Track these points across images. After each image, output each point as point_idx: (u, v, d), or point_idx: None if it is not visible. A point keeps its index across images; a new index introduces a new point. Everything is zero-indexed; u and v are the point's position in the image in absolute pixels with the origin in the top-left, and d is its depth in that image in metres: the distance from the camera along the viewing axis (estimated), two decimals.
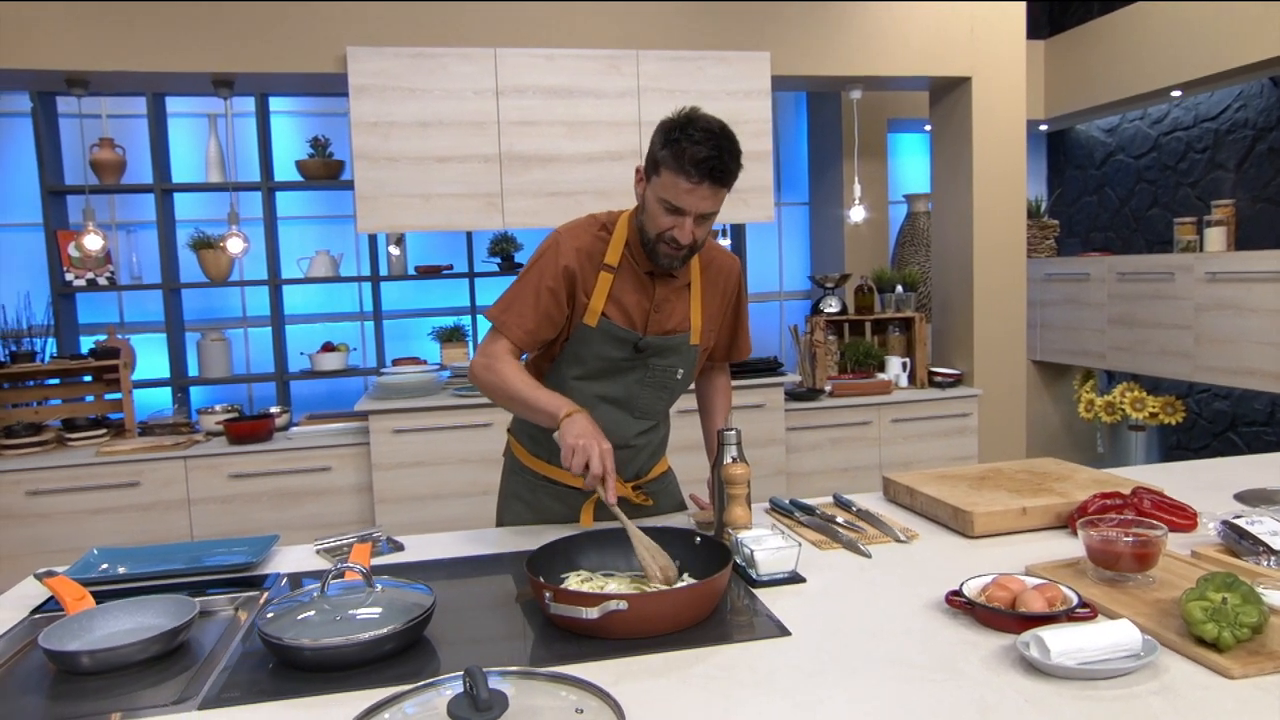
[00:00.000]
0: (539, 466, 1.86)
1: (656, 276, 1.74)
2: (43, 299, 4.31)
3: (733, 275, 1.87)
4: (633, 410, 1.81)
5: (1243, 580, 1.18)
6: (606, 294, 1.71)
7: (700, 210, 1.60)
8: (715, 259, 1.84)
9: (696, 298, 1.80)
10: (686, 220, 1.60)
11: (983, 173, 4.08)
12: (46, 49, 3.31)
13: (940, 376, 4.14)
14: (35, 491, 3.32)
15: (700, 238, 1.65)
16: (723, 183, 1.60)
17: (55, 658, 1.23)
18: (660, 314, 1.76)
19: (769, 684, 1.10)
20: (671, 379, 1.82)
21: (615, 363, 1.76)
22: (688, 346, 1.80)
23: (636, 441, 1.83)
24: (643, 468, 1.90)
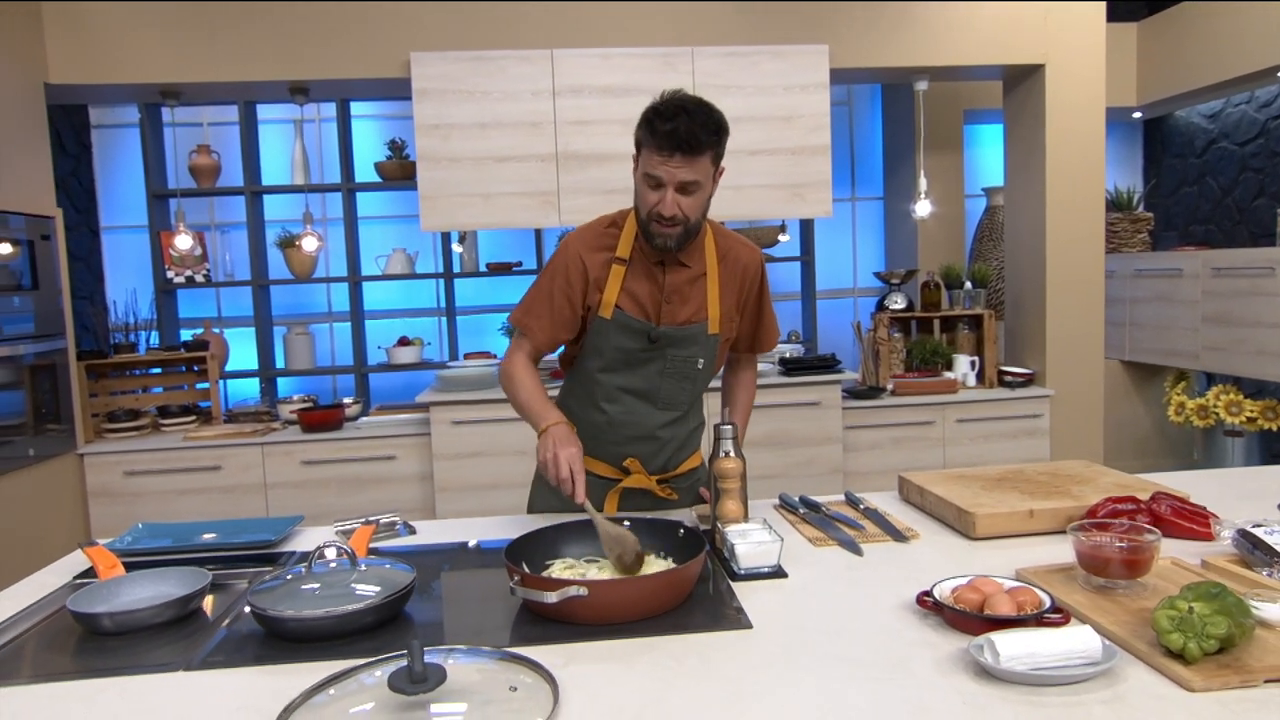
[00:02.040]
0: None
1: (667, 266, 1.76)
2: (148, 295, 4.66)
3: (752, 267, 1.86)
4: (656, 401, 1.83)
5: (1231, 591, 1.12)
6: (619, 286, 1.75)
7: (676, 180, 1.62)
8: (733, 250, 1.84)
9: (714, 287, 1.80)
10: (667, 192, 1.63)
11: (1057, 164, 3.90)
12: (143, 64, 3.58)
13: (1010, 376, 3.99)
14: (131, 472, 3.60)
15: (689, 211, 1.66)
16: (693, 152, 1.61)
17: (80, 619, 1.35)
18: (673, 304, 1.77)
19: (710, 674, 1.11)
20: (693, 369, 1.82)
21: (633, 354, 1.79)
22: (706, 336, 1.81)
23: (661, 434, 1.85)
24: (670, 461, 1.90)
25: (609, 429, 1.83)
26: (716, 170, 1.71)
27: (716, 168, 1.70)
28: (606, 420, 1.83)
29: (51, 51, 3.54)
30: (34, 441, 3.34)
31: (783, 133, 3.71)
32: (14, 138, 3.33)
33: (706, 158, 1.64)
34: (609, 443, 1.85)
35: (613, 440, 1.84)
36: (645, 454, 1.85)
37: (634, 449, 1.85)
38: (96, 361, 3.81)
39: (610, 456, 1.86)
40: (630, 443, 1.84)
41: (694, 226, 1.70)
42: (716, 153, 1.67)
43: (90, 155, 4.94)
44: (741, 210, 3.76)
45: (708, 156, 1.64)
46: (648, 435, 1.83)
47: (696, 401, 1.92)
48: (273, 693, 1.08)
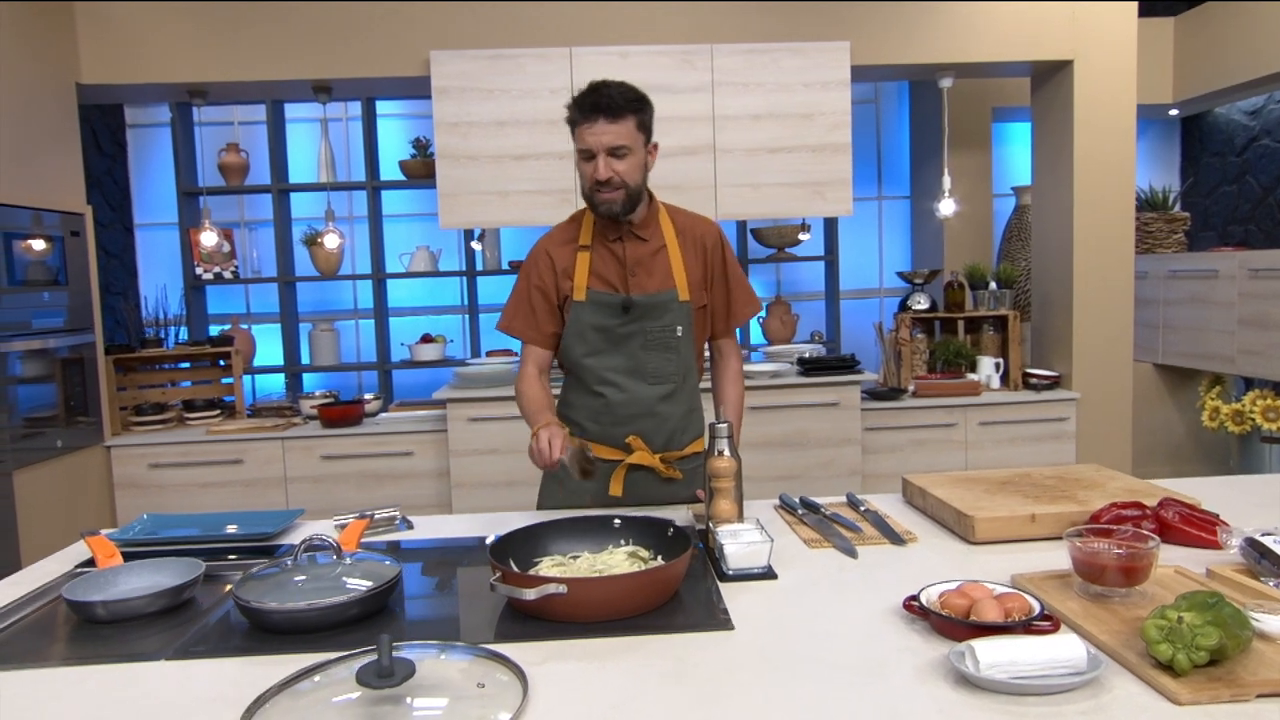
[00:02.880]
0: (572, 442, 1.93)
1: (625, 241, 1.88)
2: (179, 291, 4.75)
3: (709, 238, 1.95)
4: (645, 376, 1.90)
5: (1229, 602, 1.08)
6: (588, 270, 1.88)
7: (604, 144, 1.75)
8: (689, 224, 1.95)
9: (676, 257, 1.90)
10: (599, 158, 1.76)
11: (1086, 162, 3.81)
12: (171, 63, 3.65)
13: (1036, 378, 3.91)
14: (156, 464, 3.67)
15: (625, 174, 1.77)
16: (613, 114, 1.75)
17: (74, 607, 1.38)
18: (639, 275, 1.88)
19: (685, 675, 1.10)
20: (672, 338, 1.90)
21: (611, 331, 1.87)
22: (678, 303, 1.89)
23: (659, 409, 1.91)
24: (673, 438, 1.95)
25: (607, 411, 1.91)
26: (648, 143, 1.84)
27: (646, 138, 1.83)
28: (604, 403, 1.91)
29: (84, 52, 3.62)
30: (63, 433, 3.42)
31: (803, 130, 3.67)
32: (47, 136, 3.41)
33: (629, 122, 1.77)
34: (609, 424, 1.92)
35: (612, 421, 1.91)
36: (646, 431, 1.92)
37: (634, 426, 1.91)
38: (124, 356, 3.89)
39: (612, 438, 1.92)
40: (630, 421, 1.91)
41: (634, 191, 1.81)
42: (640, 120, 1.80)
43: (125, 154, 5.05)
44: (761, 209, 3.73)
45: (630, 121, 1.77)
46: (646, 412, 1.91)
47: (689, 378, 1.97)
48: (249, 683, 1.09)
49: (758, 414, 3.67)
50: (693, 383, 1.98)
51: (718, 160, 3.67)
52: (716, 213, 3.71)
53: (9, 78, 3.21)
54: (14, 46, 3.24)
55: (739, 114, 3.65)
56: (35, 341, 3.27)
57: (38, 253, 3.32)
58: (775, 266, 5.21)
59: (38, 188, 3.34)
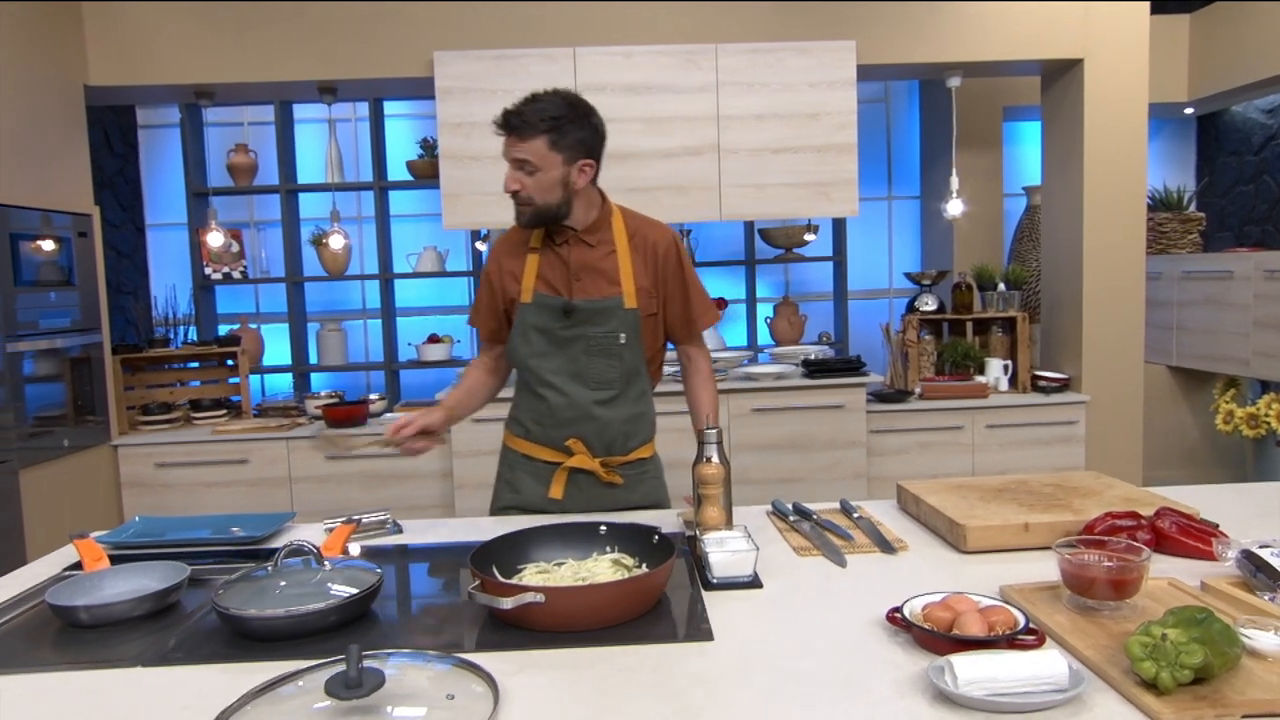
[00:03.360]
0: (517, 444, 2.00)
1: (571, 246, 1.89)
2: (188, 291, 4.78)
3: (663, 244, 1.93)
4: (586, 381, 1.90)
5: (1218, 618, 1.06)
6: (535, 273, 1.90)
7: (510, 156, 1.79)
8: (642, 229, 1.94)
9: (626, 263, 1.89)
10: (508, 170, 1.80)
11: (1096, 162, 3.76)
12: (178, 65, 3.66)
13: (1044, 381, 3.86)
14: (162, 464, 3.69)
15: (532, 190, 1.78)
16: (517, 132, 1.76)
17: (58, 611, 1.38)
18: (584, 280, 1.88)
19: (658, 686, 1.08)
20: (615, 344, 1.89)
21: (554, 333, 1.89)
22: (622, 310, 1.88)
23: (598, 413, 1.91)
24: (614, 443, 1.94)
25: (549, 413, 1.92)
26: (571, 159, 1.79)
27: (568, 157, 1.78)
28: (546, 405, 1.91)
29: (91, 53, 3.65)
30: (70, 432, 3.45)
31: (808, 130, 3.64)
32: (55, 138, 3.44)
33: (538, 141, 1.75)
34: (550, 426, 1.93)
35: (554, 424, 1.92)
36: (587, 434, 1.91)
37: (574, 430, 1.92)
38: (131, 355, 3.91)
39: (554, 440, 1.93)
40: (570, 424, 1.91)
41: (544, 208, 1.81)
42: (553, 139, 1.76)
43: (137, 154, 5.08)
44: (765, 209, 3.70)
45: (540, 140, 1.75)
46: (584, 415, 1.90)
47: (634, 384, 1.93)
48: (221, 692, 1.08)
49: (761, 416, 3.65)
50: (639, 389, 1.95)
51: (722, 160, 3.65)
52: (721, 213, 3.70)
53: (18, 80, 3.23)
54: (22, 49, 3.27)
55: (743, 114, 3.62)
56: (43, 341, 3.30)
57: (46, 253, 3.35)
58: (784, 267, 5.18)
59: (46, 189, 3.36)
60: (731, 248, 5.02)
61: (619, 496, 1.96)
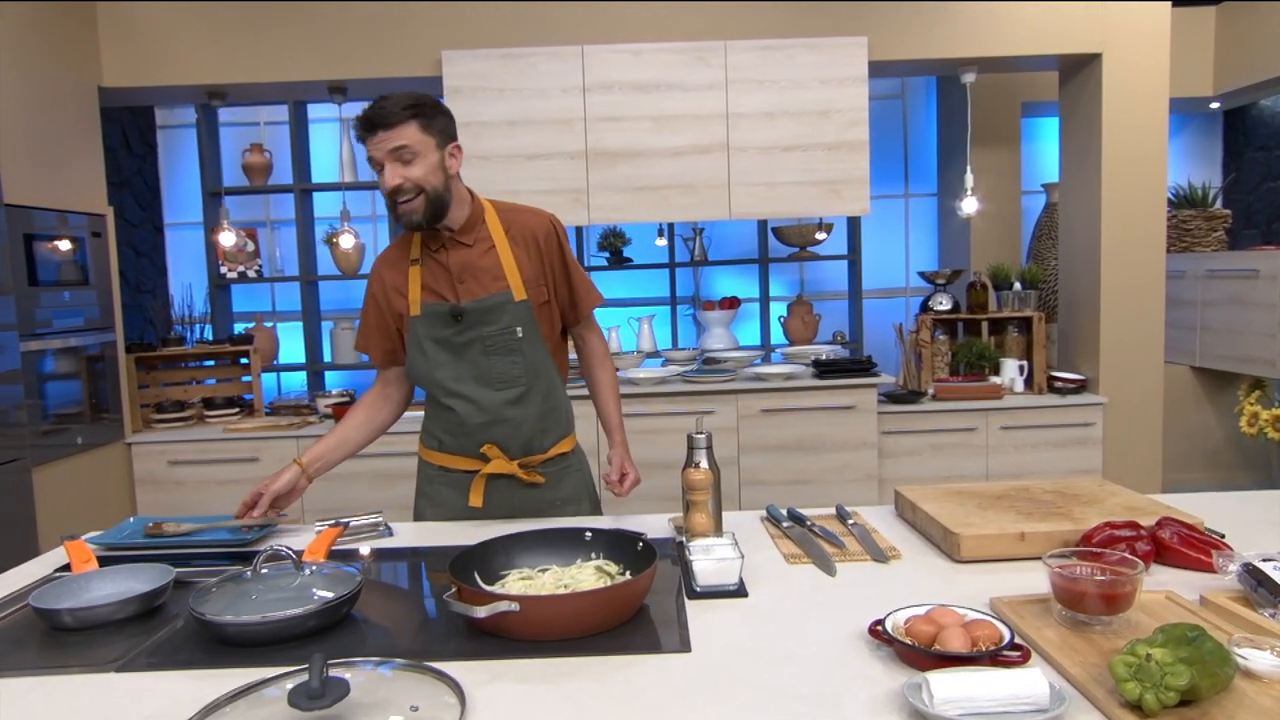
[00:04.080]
0: (431, 457, 1.97)
1: (449, 249, 1.84)
2: (203, 290, 4.82)
3: (541, 230, 1.89)
4: (491, 382, 1.86)
5: (1211, 636, 1.02)
6: (420, 284, 1.85)
7: (385, 150, 1.70)
8: (518, 219, 1.90)
9: (507, 256, 1.85)
10: (385, 169, 1.72)
11: (1115, 159, 3.68)
12: (190, 66, 3.69)
13: (1061, 382, 3.79)
14: (175, 461, 3.72)
15: (418, 178, 1.71)
16: (387, 123, 1.70)
17: (41, 614, 1.38)
18: (468, 282, 1.83)
19: (629, 699, 1.06)
20: (513, 339, 1.85)
21: (448, 340, 1.83)
22: (513, 304, 1.84)
23: (508, 413, 1.86)
24: (531, 442, 1.90)
25: (460, 424, 1.87)
26: (443, 143, 1.76)
27: (440, 140, 1.75)
28: (455, 416, 1.87)
29: (105, 55, 3.68)
30: (85, 430, 3.49)
31: (818, 128, 3.60)
32: (70, 139, 3.48)
33: (409, 126, 1.71)
34: (463, 435, 1.89)
35: (466, 432, 1.88)
36: (500, 438, 1.87)
37: (487, 435, 1.87)
38: (145, 354, 3.95)
39: (468, 449, 1.89)
40: (482, 430, 1.87)
41: (434, 194, 1.74)
42: (422, 123, 1.72)
43: (155, 154, 5.14)
44: (775, 208, 3.66)
45: (410, 126, 1.71)
46: (495, 419, 1.86)
47: (540, 378, 1.89)
48: (192, 699, 1.07)
49: (771, 416, 3.61)
50: (547, 383, 1.91)
51: (731, 159, 3.61)
52: (730, 212, 3.66)
53: (33, 81, 3.27)
54: (38, 51, 3.31)
55: (753, 111, 3.59)
56: (57, 340, 3.34)
57: (61, 253, 3.39)
58: (799, 266, 5.13)
59: (61, 189, 3.40)
60: (745, 246, 4.98)
61: (543, 496, 1.92)
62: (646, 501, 3.03)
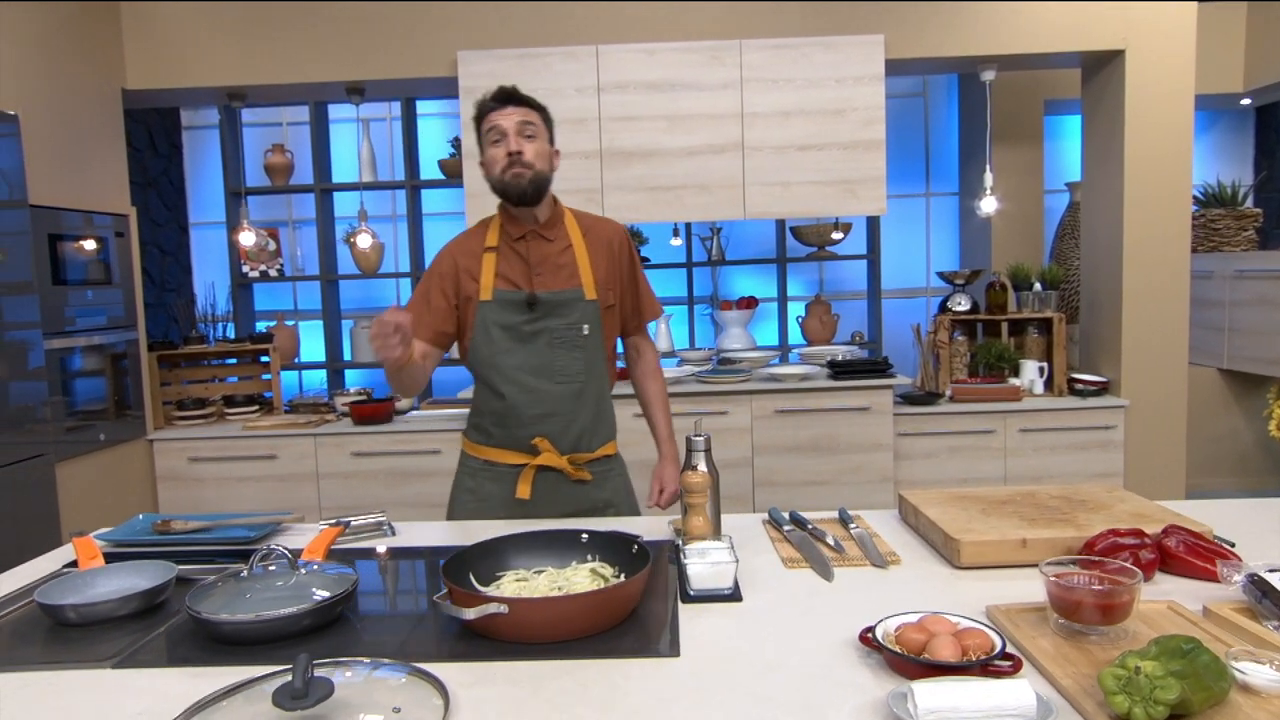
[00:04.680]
0: (480, 452, 1.98)
1: (529, 241, 1.90)
2: (226, 288, 4.89)
3: (616, 238, 1.99)
4: (552, 375, 1.90)
5: (1207, 649, 0.99)
6: (494, 271, 1.89)
7: (514, 122, 1.83)
8: (595, 225, 2.00)
9: (583, 256, 1.92)
10: (509, 136, 1.83)
11: (1137, 157, 3.61)
12: (211, 68, 3.74)
13: (1081, 384, 3.73)
14: (195, 458, 3.77)
15: (533, 156, 1.83)
16: (519, 100, 1.86)
17: (46, 610, 1.40)
18: (544, 275, 1.89)
19: (612, 705, 1.06)
20: (579, 336, 1.90)
21: (517, 328, 1.87)
22: (584, 301, 1.90)
23: (564, 408, 1.91)
24: (581, 440, 1.94)
25: (512, 412, 1.90)
26: (551, 140, 1.91)
27: (550, 137, 1.91)
28: (508, 405, 1.89)
29: (129, 57, 3.74)
30: (108, 426, 3.55)
31: (834, 127, 3.57)
32: (94, 141, 3.53)
33: (537, 113, 1.88)
34: (515, 426, 1.90)
35: (517, 423, 1.90)
36: (552, 432, 1.90)
37: (539, 428, 1.90)
38: (167, 352, 4.01)
39: (518, 441, 1.92)
40: (535, 422, 1.90)
41: (541, 177, 1.85)
42: (545, 118, 1.90)
43: (180, 155, 5.21)
44: (790, 208, 3.64)
45: (535, 113, 1.88)
46: (550, 412, 1.90)
47: (595, 379, 1.94)
48: (182, 696, 1.08)
49: (785, 417, 3.59)
50: (600, 384, 1.96)
51: (746, 158, 3.59)
52: (745, 212, 3.65)
53: (59, 85, 3.33)
54: (64, 55, 3.36)
55: (768, 111, 3.56)
56: (81, 338, 3.40)
57: (85, 253, 3.44)
58: (819, 265, 5.10)
59: (85, 190, 3.46)
60: (763, 246, 4.96)
61: (587, 494, 1.96)
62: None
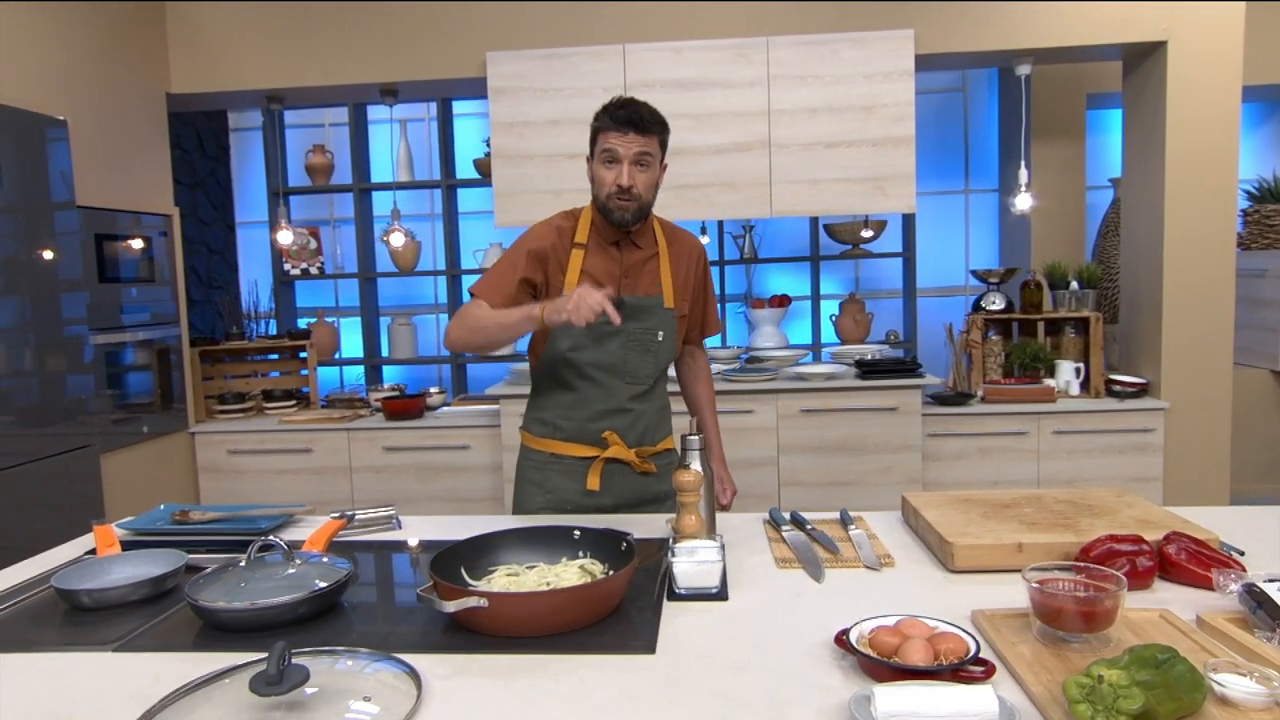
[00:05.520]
0: (546, 445, 2.00)
1: (622, 247, 1.95)
2: (269, 286, 5.02)
3: (695, 251, 2.06)
4: (623, 375, 1.96)
5: (1184, 659, 0.97)
6: (580, 268, 1.93)
7: (633, 152, 1.83)
8: (679, 236, 2.06)
9: (665, 265, 1.99)
10: (623, 165, 1.83)
11: (1179, 151, 3.50)
12: (251, 71, 3.85)
13: (1119, 385, 3.63)
14: (234, 451, 3.89)
15: (643, 187, 1.85)
16: (641, 128, 1.83)
17: (62, 594, 1.47)
18: (630, 280, 1.96)
19: (580, 699, 1.07)
20: (653, 341, 1.97)
21: (598, 328, 1.89)
22: (662, 309, 1.97)
23: (632, 406, 1.98)
24: (645, 435, 2.01)
25: (581, 406, 1.96)
26: (662, 162, 1.92)
27: (662, 158, 1.92)
28: (578, 398, 1.96)
29: (173, 63, 3.87)
30: (152, 419, 3.68)
31: (863, 124, 3.53)
32: (139, 144, 3.67)
33: (654, 139, 1.87)
34: (583, 419, 1.96)
35: (587, 416, 1.96)
36: (620, 427, 1.96)
37: (608, 423, 1.96)
38: (208, 348, 4.14)
39: (588, 435, 1.97)
40: (604, 417, 1.96)
41: (646, 204, 1.89)
42: (662, 140, 1.89)
43: (228, 156, 5.37)
44: (818, 206, 3.61)
45: (655, 139, 1.87)
46: (619, 408, 1.96)
47: (661, 381, 2.04)
48: (175, 679, 1.13)
49: (811, 417, 3.57)
50: (663, 386, 2.06)
51: (773, 156, 3.58)
52: (772, 210, 3.63)
53: (106, 90, 3.46)
54: (112, 62, 3.49)
55: (795, 108, 3.54)
56: (126, 334, 3.53)
57: (130, 252, 3.58)
58: (854, 263, 5.05)
59: (130, 191, 3.59)
60: (798, 244, 4.92)
61: (651, 486, 2.01)
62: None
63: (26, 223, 2.99)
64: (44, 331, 3.06)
